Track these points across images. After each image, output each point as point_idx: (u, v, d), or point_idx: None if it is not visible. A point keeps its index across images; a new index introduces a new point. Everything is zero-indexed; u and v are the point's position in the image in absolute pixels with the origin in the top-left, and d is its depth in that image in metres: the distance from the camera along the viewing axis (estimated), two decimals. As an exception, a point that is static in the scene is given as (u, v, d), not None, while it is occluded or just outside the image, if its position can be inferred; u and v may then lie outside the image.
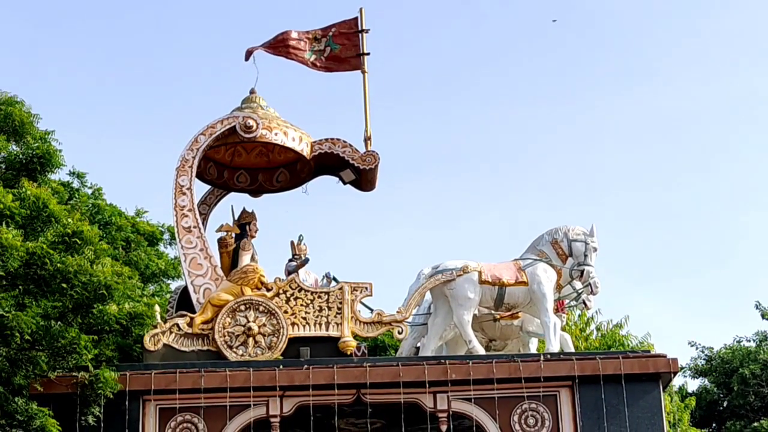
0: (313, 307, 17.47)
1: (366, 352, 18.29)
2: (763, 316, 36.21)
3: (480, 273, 18.09)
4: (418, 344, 18.77)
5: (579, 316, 26.58)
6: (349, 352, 17.24)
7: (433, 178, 79.73)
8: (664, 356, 17.68)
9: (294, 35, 18.99)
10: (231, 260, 18.10)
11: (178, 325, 17.23)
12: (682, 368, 25.65)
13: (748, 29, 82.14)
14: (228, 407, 16.64)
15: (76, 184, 23.17)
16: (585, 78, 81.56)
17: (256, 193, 19.62)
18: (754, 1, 77.78)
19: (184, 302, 17.95)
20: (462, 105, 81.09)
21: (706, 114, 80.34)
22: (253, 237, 18.45)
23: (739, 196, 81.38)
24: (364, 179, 19.01)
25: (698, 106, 77.76)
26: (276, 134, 18.25)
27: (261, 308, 17.26)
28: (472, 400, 16.90)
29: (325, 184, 19.56)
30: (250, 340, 17.10)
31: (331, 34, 19.05)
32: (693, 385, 34.88)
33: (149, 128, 75.68)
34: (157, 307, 18.02)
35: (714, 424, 32.57)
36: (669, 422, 18.64)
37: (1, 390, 15.24)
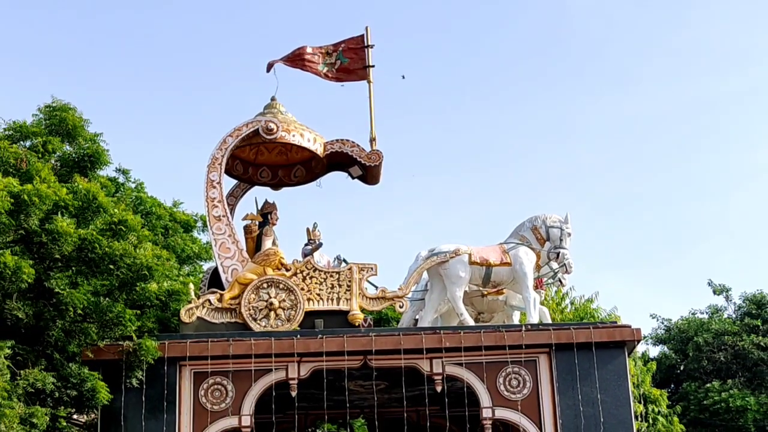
0: (326, 285, 17.45)
1: (372, 323, 18.28)
2: (714, 292, 36.17)
3: (470, 255, 18.08)
4: (417, 316, 18.74)
5: (555, 292, 26.52)
6: (357, 324, 17.21)
7: (430, 173, 79.82)
8: (629, 327, 17.63)
9: (309, 50, 18.99)
10: (255, 244, 18.15)
11: (209, 300, 17.22)
12: (644, 337, 25.58)
13: (704, 43, 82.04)
14: (253, 371, 16.61)
15: (121, 179, 23.13)
16: (563, 87, 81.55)
17: (276, 186, 19.59)
18: (709, 20, 77.62)
19: (214, 281, 17.94)
20: (455, 110, 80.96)
21: (668, 116, 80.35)
22: (274, 224, 18.50)
23: (696, 190, 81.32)
24: (369, 174, 18.98)
25: (662, 110, 77.70)
26: (293, 136, 18.22)
27: (281, 286, 17.23)
28: (464, 365, 16.85)
29: (336, 179, 19.53)
30: (272, 313, 17.07)
31: (341, 49, 19.03)
32: (654, 351, 34.87)
33: (185, 131, 75.80)
34: (191, 285, 18.02)
35: (672, 385, 32.51)
36: (633, 383, 18.54)
37: (57, 357, 15.21)
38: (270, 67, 18.99)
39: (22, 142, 17.69)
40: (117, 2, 78.99)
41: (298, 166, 19.40)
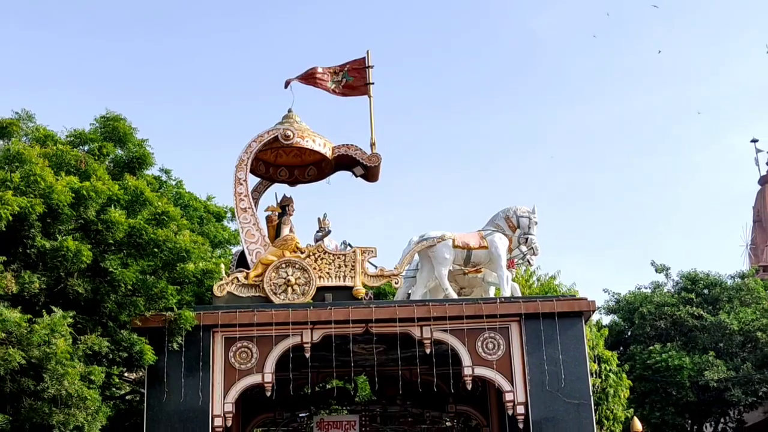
0: (334, 265, 17.47)
1: (372, 297, 18.30)
2: (656, 271, 36.09)
3: (453, 240, 18.11)
4: (410, 291, 18.73)
5: (524, 271, 26.50)
6: (360, 297, 17.23)
7: (420, 172, 79.95)
8: (585, 299, 17.65)
9: (319, 70, 18.99)
10: (275, 231, 18.22)
11: (237, 278, 17.26)
12: (597, 308, 25.59)
13: (647, 65, 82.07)
14: (273, 336, 16.61)
15: (164, 177, 23.14)
16: (531, 100, 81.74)
17: (292, 183, 19.59)
18: (653, 45, 77.65)
19: (241, 262, 17.97)
20: (443, 119, 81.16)
21: (620, 124, 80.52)
22: (291, 215, 18.56)
23: (643, 186, 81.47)
24: (370, 173, 18.97)
25: (613, 118, 77.88)
26: (307, 141, 18.23)
27: (297, 266, 17.25)
28: (448, 331, 16.85)
29: (342, 177, 19.54)
30: (289, 288, 17.09)
31: (346, 69, 19.02)
32: (606, 320, 34.76)
33: (217, 137, 75.96)
34: (222, 266, 18.06)
35: (621, 348, 32.45)
36: (589, 346, 18.56)
37: (111, 325, 15.20)
38: (287, 84, 19.00)
39: (81, 147, 17.71)
40: (160, 31, 78.98)
41: (311, 167, 19.40)
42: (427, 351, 16.97)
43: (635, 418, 19.60)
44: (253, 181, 18.96)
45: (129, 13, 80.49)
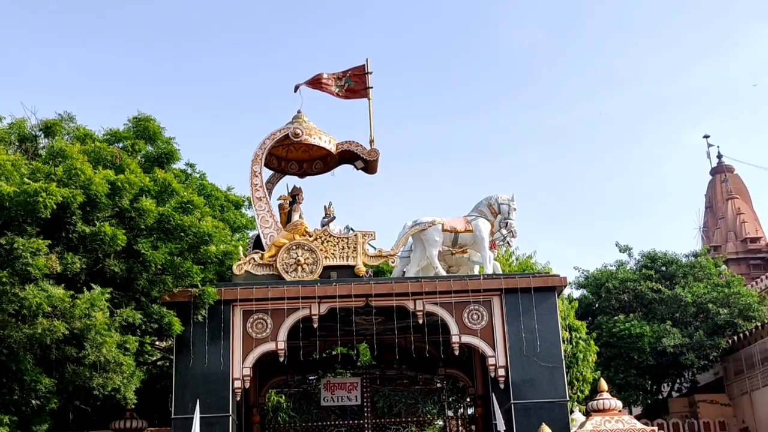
0: (338, 247, 17.49)
1: (371, 274, 18.27)
2: (620, 251, 36.04)
3: (443, 224, 18.12)
4: (404, 269, 18.74)
5: (505, 251, 26.48)
6: (361, 275, 17.25)
7: (414, 164, 79.97)
8: (558, 276, 17.69)
9: (325, 76, 18.96)
10: (287, 218, 18.25)
11: (254, 258, 17.29)
12: (569, 283, 25.56)
13: (602, 67, 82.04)
14: (285, 309, 16.67)
15: (189, 170, 23.06)
16: (503, 102, 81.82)
17: (302, 176, 19.58)
18: (607, 51, 77.71)
19: (257, 244, 18.01)
20: (434, 116, 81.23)
21: (584, 122, 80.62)
22: (300, 203, 18.58)
23: (608, 175, 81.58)
24: (370, 166, 18.98)
25: (584, 117, 77.90)
26: (314, 138, 18.23)
27: (306, 247, 17.26)
28: (438, 304, 16.87)
29: (345, 169, 19.51)
30: (299, 267, 17.11)
31: (348, 75, 19.00)
32: (576, 293, 34.72)
33: (235, 134, 75.92)
34: (240, 248, 18.02)
35: (589, 318, 32.43)
36: (561, 317, 18.55)
37: (143, 300, 15.24)
38: (296, 88, 18.96)
39: (116, 144, 17.70)
40: (188, 44, 78.91)
41: (318, 161, 19.38)
42: (420, 321, 17.00)
43: (602, 380, 19.58)
44: (267, 173, 18.98)
45: (161, 28, 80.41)
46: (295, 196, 18.67)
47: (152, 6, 79.20)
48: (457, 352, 17.15)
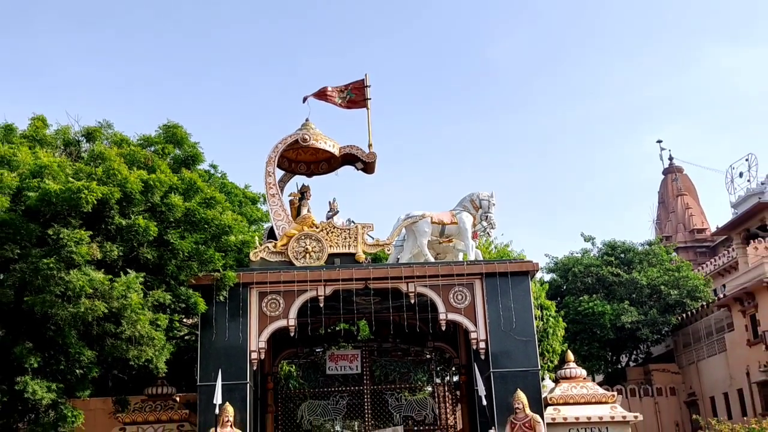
0: (341, 237, 17.47)
1: (370, 260, 18.26)
2: (584, 240, 36.28)
3: (431, 217, 18.09)
4: (398, 256, 18.73)
5: (485, 240, 26.51)
6: (360, 261, 17.23)
7: (406, 166, 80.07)
8: (531, 262, 17.68)
9: (329, 88, 18.91)
10: (296, 212, 18.16)
11: (268, 247, 17.26)
12: (540, 268, 25.68)
13: (571, 82, 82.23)
14: (295, 291, 16.65)
15: (212, 171, 23.06)
16: (486, 107, 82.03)
17: (309, 175, 19.50)
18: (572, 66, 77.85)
19: (271, 235, 17.94)
20: (424, 122, 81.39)
21: (560, 129, 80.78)
22: (308, 199, 18.50)
23: (577, 175, 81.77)
24: (368, 167, 18.91)
25: (559, 123, 78.01)
26: (320, 143, 18.19)
27: (313, 237, 17.24)
28: (428, 286, 16.86)
29: (347, 170, 19.49)
30: (307, 254, 17.08)
31: (349, 88, 18.95)
32: (547, 277, 34.87)
33: (253, 139, 75.96)
34: (256, 238, 18.05)
35: (558, 298, 32.56)
36: (533, 297, 18.57)
37: (172, 283, 15.23)
38: (305, 99, 18.88)
39: (148, 148, 17.66)
40: (212, 59, 79.02)
41: (323, 162, 19.31)
42: (412, 301, 16.99)
43: (569, 351, 19.64)
44: (279, 173, 18.91)
45: (189, 43, 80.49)
46: (303, 193, 18.64)
47: (185, 31, 79.18)
48: (443, 328, 17.17)
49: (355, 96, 18.94)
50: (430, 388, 21.40)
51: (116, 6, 78.89)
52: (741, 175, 31.09)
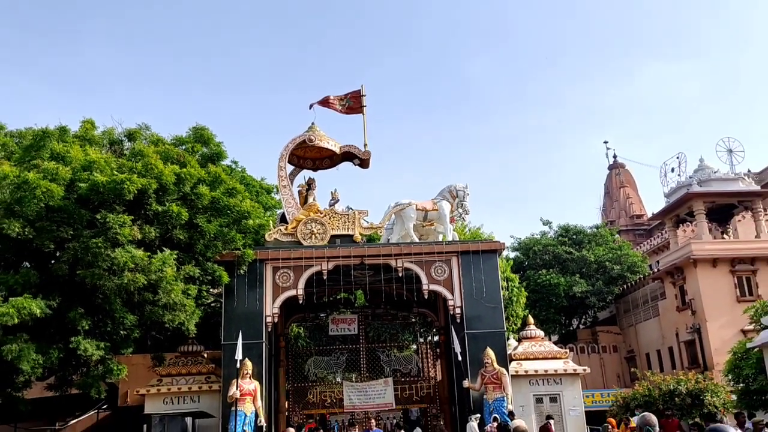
0: (341, 221, 17.43)
1: (365, 241, 18.24)
2: (543, 223, 36.26)
3: (416, 205, 18.07)
4: (389, 237, 18.70)
5: (461, 224, 26.51)
6: (357, 241, 17.22)
7: (396, 162, 79.96)
8: (499, 242, 17.76)
9: (331, 97, 18.77)
10: (304, 200, 18.06)
11: (280, 229, 17.21)
12: (506, 247, 25.69)
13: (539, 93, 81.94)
14: (303, 266, 16.63)
15: (233, 166, 22.93)
16: (465, 111, 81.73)
17: (314, 170, 19.39)
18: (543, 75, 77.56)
19: (283, 219, 17.90)
20: (411, 125, 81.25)
21: (522, 132, 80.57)
22: (314, 189, 18.40)
23: (537, 170, 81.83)
24: (364, 163, 18.79)
25: (524, 127, 77.80)
26: (324, 143, 18.12)
27: (317, 221, 17.19)
28: (413, 262, 16.89)
29: (346, 166, 19.37)
30: (313, 236, 17.04)
31: (348, 97, 18.81)
32: (512, 254, 34.86)
33: (267, 139, 75.57)
34: (271, 222, 17.96)
35: (521, 272, 32.59)
36: (501, 271, 18.61)
37: (201, 259, 15.22)
38: (311, 106, 18.76)
39: (180, 146, 17.56)
40: (236, 69, 78.54)
41: (326, 159, 19.20)
42: (400, 274, 17.03)
43: (529, 316, 19.75)
44: (289, 168, 18.84)
45: (217, 63, 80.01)
46: (310, 184, 18.55)
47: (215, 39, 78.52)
48: (426, 296, 17.21)
49: (353, 103, 18.83)
50: (414, 346, 21.48)
51: (153, 28, 78.40)
52: (673, 170, 31.06)
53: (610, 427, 13.97)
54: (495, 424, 13.74)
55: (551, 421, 15.54)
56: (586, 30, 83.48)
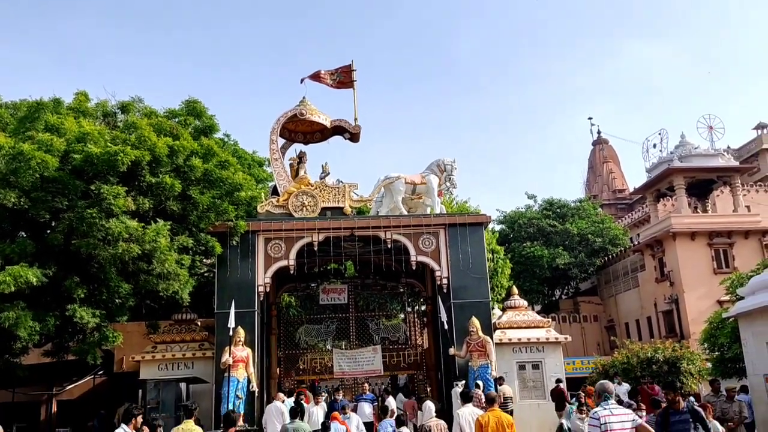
0: (332, 194, 17.36)
1: (355, 213, 18.24)
2: (528, 197, 36.51)
3: (405, 179, 18.02)
4: (378, 210, 18.70)
5: (448, 198, 26.56)
6: (347, 214, 17.17)
7: (385, 136, 79.78)
8: (485, 215, 17.78)
9: (322, 72, 18.59)
10: (295, 173, 17.92)
11: (272, 201, 17.12)
12: (492, 220, 25.78)
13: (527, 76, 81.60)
14: (294, 237, 16.63)
15: (225, 139, 22.80)
16: (454, 92, 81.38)
17: (306, 143, 19.23)
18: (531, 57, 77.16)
19: (274, 192, 17.78)
20: (401, 100, 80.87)
21: (510, 109, 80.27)
22: (305, 163, 18.22)
23: (525, 145, 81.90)
24: (354, 137, 18.67)
25: (504, 105, 77.57)
26: (314, 117, 17.98)
27: (308, 194, 17.13)
28: (402, 234, 16.91)
29: (337, 140, 19.30)
30: (304, 208, 16.99)
31: (339, 71, 18.63)
32: (497, 227, 35.04)
33: (260, 111, 75.03)
34: (263, 194, 17.89)
35: (506, 244, 32.77)
36: (487, 243, 18.70)
37: (194, 230, 15.18)
38: (302, 80, 18.54)
39: (173, 119, 17.40)
40: (228, 45, 77.52)
41: (317, 132, 19.08)
42: (389, 246, 17.06)
43: (513, 286, 19.91)
44: (281, 141, 18.72)
45: (208, 35, 78.95)
46: (301, 158, 18.40)
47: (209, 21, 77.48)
48: (414, 267, 17.31)
49: (343, 78, 18.66)
50: (402, 315, 21.64)
51: (144, 4, 77.08)
52: (654, 146, 31.23)
53: (582, 394, 14.21)
54: (479, 390, 13.93)
55: (561, 384, 16.06)
56: (570, 8, 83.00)
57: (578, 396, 14.40)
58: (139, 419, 7.06)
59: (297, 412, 9.76)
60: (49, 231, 13.50)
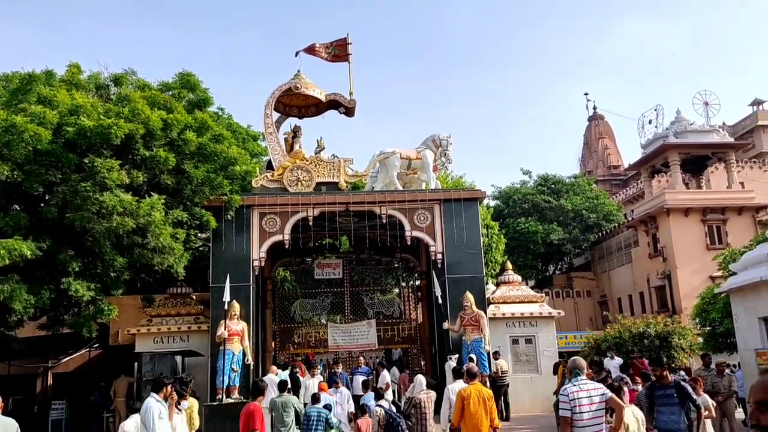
0: (327, 169, 17.28)
1: (350, 188, 18.17)
2: (523, 173, 36.53)
3: (400, 154, 17.96)
4: (373, 185, 18.64)
5: (443, 173, 26.45)
6: (342, 188, 17.13)
7: (381, 111, 79.43)
8: (480, 190, 17.82)
9: (317, 45, 18.41)
10: (290, 147, 17.84)
11: (267, 176, 17.07)
12: (487, 195, 25.71)
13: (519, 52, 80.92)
14: (289, 212, 16.59)
15: (220, 112, 22.57)
16: (450, 67, 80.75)
17: (300, 117, 19.12)
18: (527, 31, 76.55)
19: (269, 166, 17.73)
20: (396, 76, 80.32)
21: (508, 86, 79.70)
22: (300, 137, 18.14)
23: (520, 122, 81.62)
24: (349, 112, 18.56)
25: (501, 82, 76.98)
26: (309, 90, 17.82)
27: (303, 168, 17.05)
28: (397, 209, 16.90)
29: (332, 114, 19.11)
30: (299, 183, 16.94)
31: (334, 45, 18.44)
32: (492, 203, 35.02)
33: (254, 84, 74.50)
34: (257, 169, 17.81)
35: (501, 220, 32.78)
36: (481, 218, 18.69)
37: (189, 204, 15.10)
38: (297, 53, 18.38)
39: (167, 92, 17.20)
40: (224, 20, 76.72)
41: (312, 107, 18.94)
42: (384, 221, 17.06)
43: (508, 262, 19.94)
44: (276, 115, 18.58)
45: (203, 5, 77.97)
46: (296, 132, 18.31)
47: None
48: (408, 242, 17.28)
49: (338, 51, 18.47)
50: (397, 290, 21.73)
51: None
52: (650, 122, 31.12)
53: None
54: (472, 364, 14.01)
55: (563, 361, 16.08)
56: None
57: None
58: (170, 388, 7.18)
59: (285, 385, 9.82)
60: (42, 204, 13.40)
